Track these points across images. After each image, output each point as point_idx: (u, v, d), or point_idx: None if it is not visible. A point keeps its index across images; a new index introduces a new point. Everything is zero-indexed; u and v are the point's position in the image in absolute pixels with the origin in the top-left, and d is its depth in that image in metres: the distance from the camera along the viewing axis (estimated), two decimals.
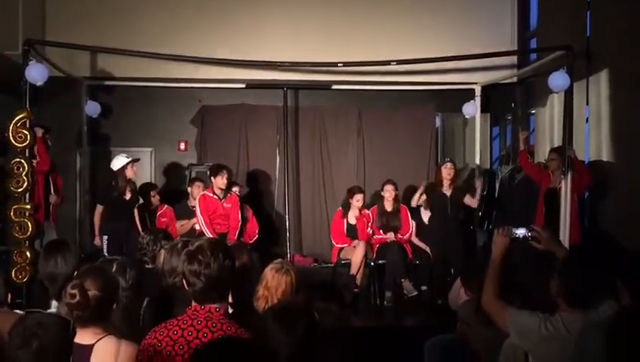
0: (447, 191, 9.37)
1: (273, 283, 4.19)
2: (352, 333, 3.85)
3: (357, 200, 9.39)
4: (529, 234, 4.34)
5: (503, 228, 4.35)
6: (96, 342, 3.29)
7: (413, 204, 9.61)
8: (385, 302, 9.05)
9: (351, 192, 9.53)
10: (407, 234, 9.57)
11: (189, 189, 9.82)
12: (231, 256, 3.28)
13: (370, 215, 9.54)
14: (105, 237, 9.00)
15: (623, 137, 8.15)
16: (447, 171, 9.38)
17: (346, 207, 9.50)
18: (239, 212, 9.15)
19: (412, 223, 9.63)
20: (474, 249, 9.93)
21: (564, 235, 7.71)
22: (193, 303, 3.26)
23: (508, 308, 4.05)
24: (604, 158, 8.51)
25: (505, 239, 4.29)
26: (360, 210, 9.45)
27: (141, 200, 9.46)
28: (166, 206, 9.79)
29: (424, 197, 9.63)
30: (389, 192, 9.53)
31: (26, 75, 7.84)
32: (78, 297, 3.23)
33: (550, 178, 8.54)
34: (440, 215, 9.39)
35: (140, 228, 8.86)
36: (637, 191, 7.69)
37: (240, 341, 2.01)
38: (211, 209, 8.99)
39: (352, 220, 9.44)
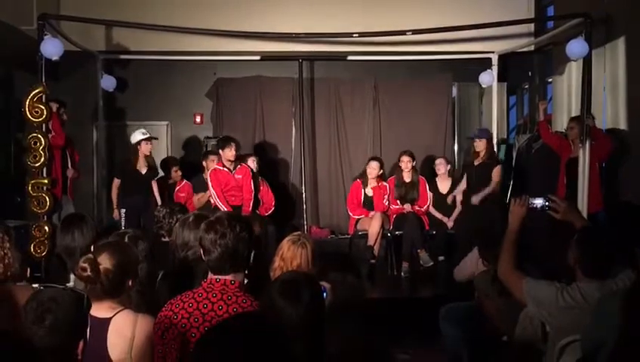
0: (476, 162, 9.25)
1: (289, 255, 4.20)
2: (367, 304, 3.85)
3: (372, 168, 9.34)
4: (547, 203, 4.29)
5: (520, 198, 4.31)
6: (114, 315, 3.31)
7: (475, 202, 9.27)
8: (402, 273, 9.06)
9: (367, 161, 9.51)
10: (425, 206, 9.53)
11: (203, 163, 9.85)
12: (249, 229, 3.29)
13: (387, 186, 9.50)
14: (123, 211, 9.08)
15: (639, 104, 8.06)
16: (476, 145, 9.26)
17: (364, 177, 9.46)
18: (252, 183, 9.14)
19: (430, 194, 9.59)
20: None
21: (583, 204, 7.65)
22: (209, 276, 3.28)
23: (525, 279, 4.02)
24: (622, 126, 8.43)
25: (522, 209, 4.25)
26: (377, 181, 9.42)
27: (161, 174, 9.53)
28: (185, 181, 9.84)
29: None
30: (404, 163, 9.48)
31: (41, 49, 7.84)
32: (88, 271, 3.25)
33: (571, 147, 8.45)
34: (472, 187, 9.28)
35: (159, 202, 8.93)
36: None
37: (249, 319, 2.00)
38: (223, 182, 9.00)
39: (370, 191, 9.42)
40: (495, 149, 10.66)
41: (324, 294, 3.40)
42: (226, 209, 8.67)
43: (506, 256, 4.17)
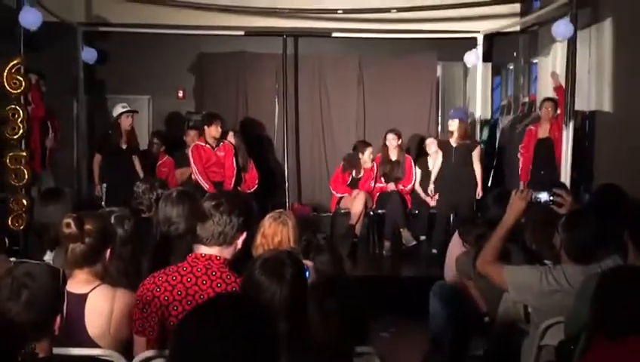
0: (454, 143, 9.20)
1: (269, 231, 4.19)
2: (349, 283, 3.81)
3: (368, 155, 9.25)
4: (551, 198, 4.07)
5: (522, 191, 4.04)
6: (91, 290, 3.27)
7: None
8: (384, 252, 9.06)
9: (359, 149, 9.38)
10: (410, 185, 9.48)
11: (185, 138, 9.76)
12: (247, 212, 3.34)
13: (375, 166, 9.44)
14: (104, 186, 9.00)
15: (624, 87, 8.05)
16: (450, 125, 9.22)
17: (352, 163, 9.36)
18: (234, 160, 9.07)
19: (415, 173, 9.53)
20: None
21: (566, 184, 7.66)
22: (195, 250, 3.28)
23: (504, 268, 3.94)
24: (606, 108, 8.43)
25: (522, 203, 3.96)
26: (371, 164, 9.33)
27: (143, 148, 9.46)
28: (167, 156, 9.76)
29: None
30: (389, 141, 9.44)
31: (19, 19, 7.71)
32: (72, 226, 3.22)
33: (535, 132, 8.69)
34: (448, 166, 9.24)
35: (140, 176, 8.84)
36: (638, 142, 7.63)
37: (233, 299, 1.96)
38: (205, 158, 8.91)
39: (359, 174, 9.33)
40: (478, 130, 10.70)
41: (307, 273, 3.37)
42: (207, 185, 8.62)
43: (490, 251, 3.98)
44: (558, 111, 8.73)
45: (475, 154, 9.08)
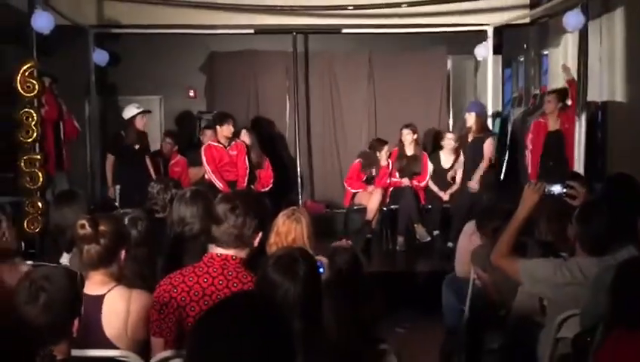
0: (470, 137, 9.18)
1: (283, 230, 4.19)
2: (365, 279, 3.83)
3: (385, 152, 9.26)
4: (564, 190, 4.07)
5: (535, 183, 4.01)
6: (107, 292, 3.29)
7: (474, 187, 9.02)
8: (397, 247, 9.05)
9: (375, 148, 9.37)
10: (424, 181, 9.47)
11: (201, 138, 9.77)
12: (263, 212, 3.36)
13: (390, 163, 9.43)
14: (117, 187, 9.03)
15: (637, 76, 8.00)
16: (467, 119, 9.18)
17: (370, 161, 9.36)
18: (246, 159, 9.08)
19: (430, 169, 9.52)
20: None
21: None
22: (210, 250, 3.29)
23: (519, 261, 3.94)
24: (618, 99, 8.39)
25: (535, 196, 3.93)
26: (387, 161, 9.33)
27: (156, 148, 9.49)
28: (179, 155, 9.78)
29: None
30: (404, 136, 9.41)
31: (32, 23, 7.75)
32: (87, 227, 3.23)
33: (545, 125, 8.63)
34: (467, 161, 9.22)
35: (153, 177, 8.86)
36: None
37: (249, 298, 1.97)
38: (217, 158, 8.93)
39: (375, 171, 9.35)
40: (490, 122, 10.66)
41: (321, 269, 3.38)
42: (221, 184, 8.64)
43: (504, 245, 3.97)
44: (569, 103, 8.70)
45: (486, 145, 8.99)
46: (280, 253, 2.91)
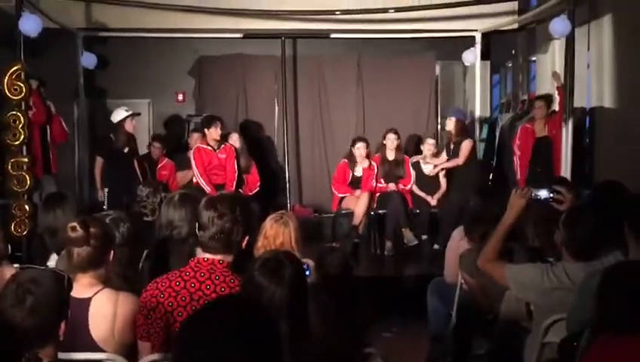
0: (452, 141, 9.25)
1: (271, 233, 4.19)
2: (354, 282, 3.83)
3: (357, 148, 9.29)
4: (551, 195, 4.10)
5: (522, 189, 4.07)
6: (94, 295, 3.29)
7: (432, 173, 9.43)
8: (385, 252, 9.06)
9: (352, 142, 9.46)
10: (410, 184, 9.48)
11: (189, 141, 9.76)
12: (248, 215, 3.31)
13: (375, 166, 9.46)
14: (106, 190, 9.00)
15: (624, 83, 8.05)
16: (448, 124, 9.26)
17: (351, 158, 9.39)
18: (235, 163, 9.09)
19: (413, 173, 9.55)
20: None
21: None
22: (197, 255, 3.28)
23: (506, 266, 3.97)
24: (606, 105, 8.43)
25: (522, 201, 3.98)
26: (369, 163, 9.35)
27: (144, 152, 9.46)
28: (167, 159, 9.76)
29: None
30: (390, 141, 9.42)
31: (19, 26, 7.73)
32: (78, 229, 3.23)
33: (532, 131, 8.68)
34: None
35: (141, 180, 8.84)
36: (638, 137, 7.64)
37: (235, 301, 1.97)
38: (206, 161, 8.92)
39: (359, 172, 9.34)
40: (477, 128, 10.72)
41: (308, 272, 3.39)
42: (208, 187, 8.63)
43: (491, 249, 4.01)
44: (556, 108, 8.75)
45: (463, 145, 9.12)
46: (266, 256, 2.91)
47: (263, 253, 3.00)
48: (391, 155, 9.46)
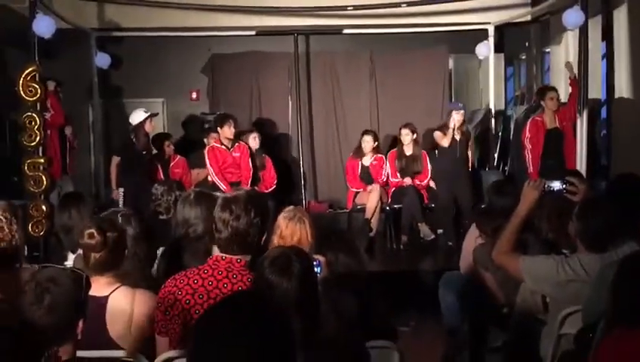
0: (456, 134, 9.23)
1: (287, 232, 4.14)
2: (367, 278, 3.83)
3: (367, 142, 9.32)
4: (564, 186, 4.06)
5: (535, 181, 4.06)
6: (111, 293, 3.32)
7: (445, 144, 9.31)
8: (401, 247, 9.06)
9: (361, 136, 9.49)
10: (426, 180, 9.46)
11: (205, 140, 9.78)
12: (263, 214, 3.30)
13: (384, 158, 9.47)
14: (121, 190, 9.04)
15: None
16: (458, 118, 9.21)
17: (358, 151, 9.44)
18: (250, 161, 9.12)
19: (430, 168, 9.51)
20: (481, 191, 9.77)
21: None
22: (215, 253, 3.29)
23: (520, 258, 3.96)
24: (625, 95, 8.38)
25: (535, 192, 3.97)
26: (373, 154, 9.38)
27: (154, 151, 9.48)
28: (179, 156, 9.77)
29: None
30: (404, 136, 9.42)
31: (33, 28, 7.77)
32: (96, 236, 3.26)
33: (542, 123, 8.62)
34: (451, 158, 9.26)
35: (156, 180, 8.86)
36: None
37: (251, 297, 1.98)
38: (221, 159, 8.98)
39: (366, 161, 9.40)
40: (493, 121, 10.69)
41: (319, 268, 3.39)
42: (224, 186, 8.66)
43: (505, 242, 4.00)
44: (566, 100, 8.71)
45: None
46: (275, 253, 2.90)
47: (270, 251, 2.99)
48: (408, 150, 9.44)
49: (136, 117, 8.95)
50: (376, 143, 9.42)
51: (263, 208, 3.33)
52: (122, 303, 3.30)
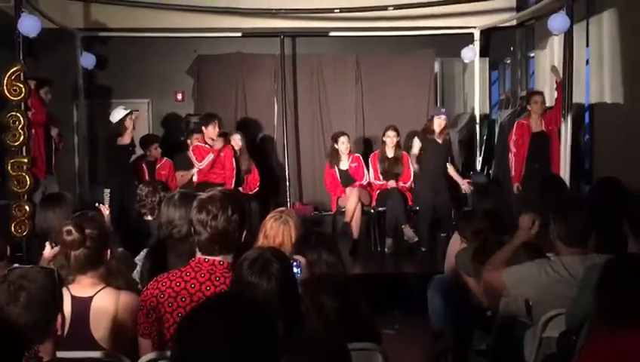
0: (438, 139, 9.27)
1: (271, 233, 4.16)
2: (348, 281, 3.82)
3: (341, 143, 9.35)
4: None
5: (534, 221, 4.27)
6: (95, 293, 3.30)
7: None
8: (385, 249, 9.07)
9: (334, 138, 9.50)
10: (409, 182, 9.48)
11: (188, 142, 9.75)
12: (241, 211, 3.27)
13: (361, 157, 9.52)
14: (107, 191, 9.00)
15: (626, 78, 8.04)
16: (440, 122, 9.26)
17: (334, 155, 9.46)
18: (233, 161, 9.11)
19: (412, 169, 9.54)
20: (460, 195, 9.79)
21: (566, 178, 7.67)
22: (197, 255, 3.27)
23: (502, 271, 4.07)
24: (607, 100, 8.43)
25: (529, 232, 4.25)
26: (349, 156, 9.41)
27: (140, 152, 9.45)
28: (165, 158, 9.74)
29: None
30: (390, 138, 9.42)
31: (18, 27, 7.73)
32: (74, 233, 3.24)
33: (528, 126, 8.65)
34: (434, 163, 9.30)
35: (141, 181, 8.83)
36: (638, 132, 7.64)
37: (233, 298, 1.98)
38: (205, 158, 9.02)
39: (344, 166, 9.41)
40: (477, 125, 10.73)
41: (299, 269, 3.39)
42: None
43: (494, 269, 4.18)
44: (552, 104, 8.75)
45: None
46: (253, 255, 2.89)
47: (248, 253, 2.97)
48: (390, 152, 9.47)
49: (117, 115, 8.91)
50: (350, 145, 9.48)
51: (239, 205, 3.29)
52: (106, 304, 3.29)
